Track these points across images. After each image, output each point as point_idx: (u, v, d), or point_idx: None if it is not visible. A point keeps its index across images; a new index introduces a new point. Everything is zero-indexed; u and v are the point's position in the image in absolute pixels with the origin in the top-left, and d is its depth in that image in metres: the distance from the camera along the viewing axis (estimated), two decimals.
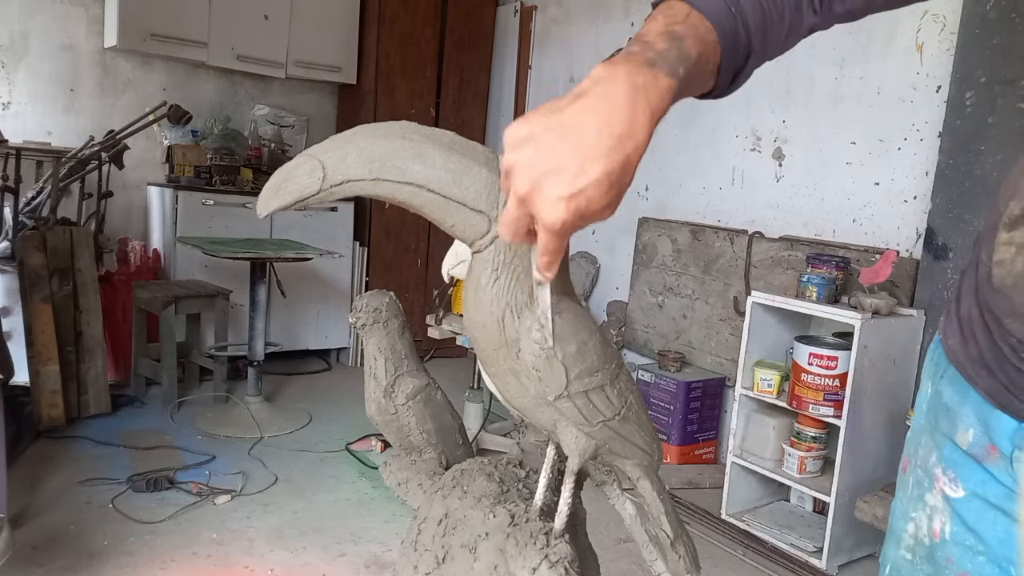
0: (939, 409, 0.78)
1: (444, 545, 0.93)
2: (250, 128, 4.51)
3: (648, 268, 3.68)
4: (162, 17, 3.92)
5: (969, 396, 0.73)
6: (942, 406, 0.78)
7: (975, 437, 0.72)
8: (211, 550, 2.31)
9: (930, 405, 0.80)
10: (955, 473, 0.74)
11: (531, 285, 0.75)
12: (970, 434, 0.73)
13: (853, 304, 2.52)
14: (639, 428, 0.88)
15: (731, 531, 2.72)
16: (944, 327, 0.79)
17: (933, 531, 0.77)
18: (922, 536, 0.79)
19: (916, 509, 0.80)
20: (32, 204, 3.39)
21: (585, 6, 4.19)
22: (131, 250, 3.95)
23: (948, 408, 0.76)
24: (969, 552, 0.72)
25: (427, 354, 4.46)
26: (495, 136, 4.85)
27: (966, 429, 0.74)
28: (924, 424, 0.81)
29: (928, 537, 0.78)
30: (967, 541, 0.73)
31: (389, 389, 1.55)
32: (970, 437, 0.73)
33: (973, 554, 0.72)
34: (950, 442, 0.75)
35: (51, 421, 3.05)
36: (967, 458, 0.73)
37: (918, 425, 0.83)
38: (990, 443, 0.71)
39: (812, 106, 3.03)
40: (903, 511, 0.83)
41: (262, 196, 0.71)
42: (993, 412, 0.71)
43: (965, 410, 0.74)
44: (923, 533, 0.79)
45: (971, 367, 0.73)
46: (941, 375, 0.79)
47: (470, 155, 0.72)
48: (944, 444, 0.76)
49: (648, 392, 3.21)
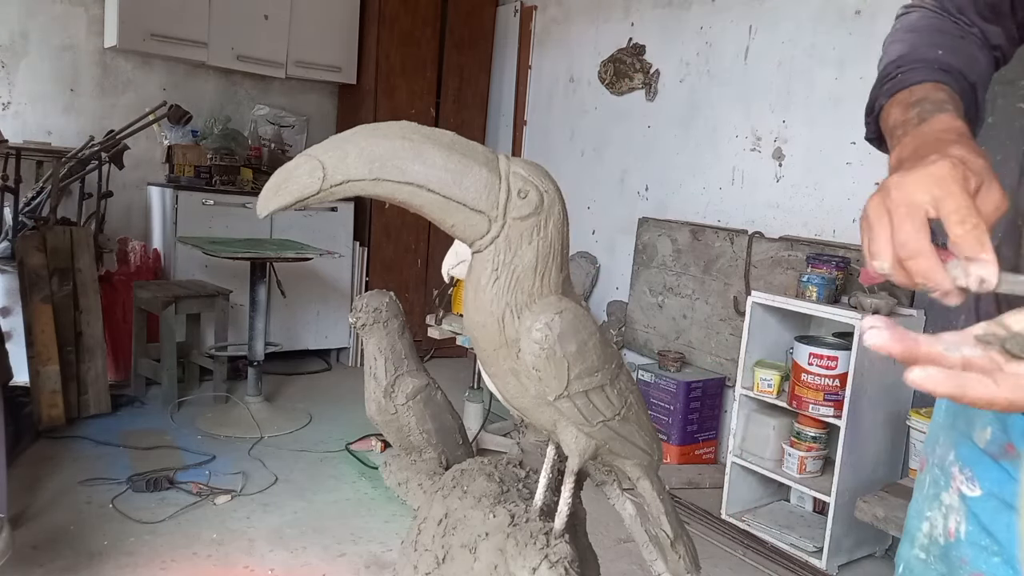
0: (957, 408, 0.78)
1: (444, 545, 0.93)
2: (250, 128, 4.51)
3: (648, 268, 3.68)
4: (162, 17, 3.92)
5: None
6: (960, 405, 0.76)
7: (993, 435, 0.72)
8: (211, 550, 2.31)
9: (949, 404, 0.80)
10: (972, 472, 0.74)
11: (530, 286, 0.75)
12: (988, 432, 0.73)
13: (853, 304, 2.52)
14: (639, 428, 0.88)
15: (731, 531, 2.72)
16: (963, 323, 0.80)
17: (948, 530, 0.77)
18: (937, 535, 0.78)
19: (932, 508, 0.79)
20: (32, 204, 3.39)
21: (585, 6, 4.19)
22: (131, 250, 3.94)
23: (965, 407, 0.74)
24: (984, 552, 0.72)
25: (427, 354, 4.46)
26: (495, 136, 4.85)
27: (984, 427, 0.73)
28: (942, 423, 0.81)
29: (943, 536, 0.77)
30: (982, 541, 0.72)
31: (389, 389, 1.55)
32: (988, 435, 0.73)
33: (988, 555, 0.71)
34: (968, 440, 0.75)
35: (51, 421, 3.05)
36: (984, 456, 0.73)
37: (936, 424, 0.83)
38: (1008, 441, 0.71)
39: (812, 106, 3.03)
40: (918, 510, 0.83)
41: (262, 196, 0.71)
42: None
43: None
44: (938, 532, 0.78)
45: None
46: None
47: (470, 155, 0.72)
48: (961, 442, 0.76)
49: (648, 392, 3.21)
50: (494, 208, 0.73)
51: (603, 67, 4.03)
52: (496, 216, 0.73)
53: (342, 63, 4.51)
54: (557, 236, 0.77)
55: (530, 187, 0.74)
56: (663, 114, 3.72)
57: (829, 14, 2.94)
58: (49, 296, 3.11)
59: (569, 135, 4.32)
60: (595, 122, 4.13)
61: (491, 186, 0.73)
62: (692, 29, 3.56)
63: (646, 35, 3.82)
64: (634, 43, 3.87)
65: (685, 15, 3.60)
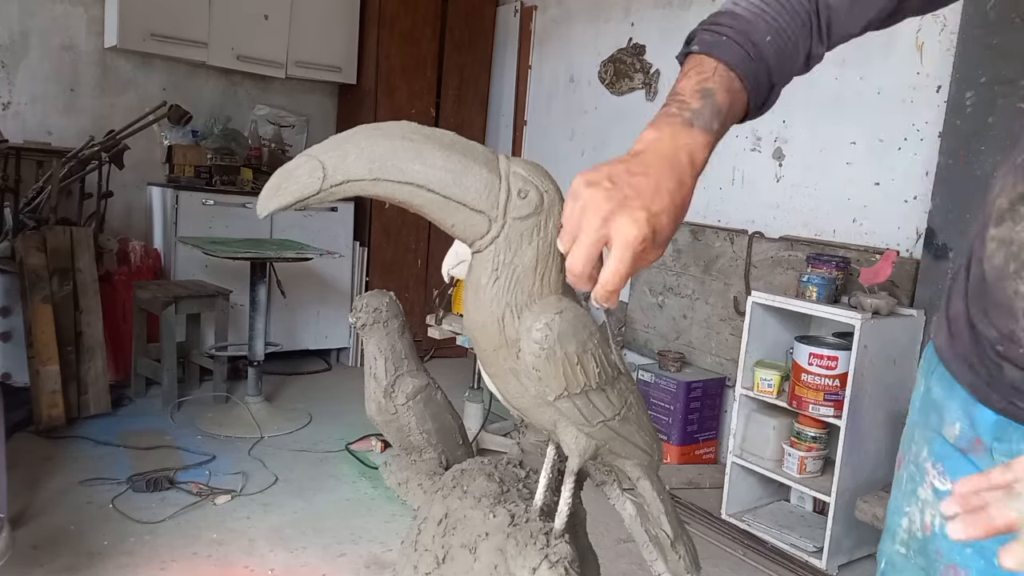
0: (930, 405, 0.81)
1: (444, 545, 0.93)
2: (250, 128, 4.51)
3: (648, 268, 3.68)
4: (162, 17, 3.92)
5: (955, 391, 0.76)
6: (932, 402, 0.80)
7: (961, 431, 0.75)
8: (211, 550, 2.31)
9: (923, 402, 0.83)
10: (943, 467, 0.77)
11: (530, 286, 0.75)
12: (957, 427, 0.76)
13: (853, 304, 2.52)
14: (639, 428, 0.88)
15: (731, 531, 2.72)
16: (935, 326, 0.83)
17: (925, 524, 0.80)
18: (915, 530, 0.81)
19: (910, 504, 0.82)
20: (32, 204, 3.39)
21: (585, 6, 4.19)
22: (131, 250, 3.95)
23: (937, 403, 0.79)
24: (957, 544, 0.74)
25: (427, 354, 4.46)
26: (495, 136, 4.85)
27: (953, 423, 0.76)
28: (917, 420, 0.84)
29: (920, 531, 0.80)
30: None
31: (389, 389, 1.55)
32: (957, 431, 0.76)
33: (961, 546, 0.74)
34: (939, 436, 0.78)
35: (51, 421, 3.05)
36: (955, 451, 0.76)
37: (911, 421, 0.86)
38: (975, 436, 0.74)
39: (812, 106, 3.02)
40: (897, 506, 0.86)
41: (262, 196, 0.71)
42: (976, 406, 0.74)
43: (952, 404, 0.77)
44: (916, 527, 0.81)
45: (955, 363, 0.77)
46: (932, 371, 0.82)
47: (470, 155, 0.72)
48: (934, 439, 0.79)
49: (648, 392, 3.21)
50: (494, 208, 0.73)
51: (603, 67, 4.03)
52: (496, 216, 0.73)
53: (342, 63, 4.51)
54: (557, 236, 0.76)
55: (530, 187, 0.74)
56: None
57: None
58: (49, 296, 3.11)
59: (569, 135, 4.31)
60: (595, 122, 4.13)
61: (491, 186, 0.73)
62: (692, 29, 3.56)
63: (646, 35, 3.82)
64: (634, 43, 3.87)
65: (685, 15, 3.60)
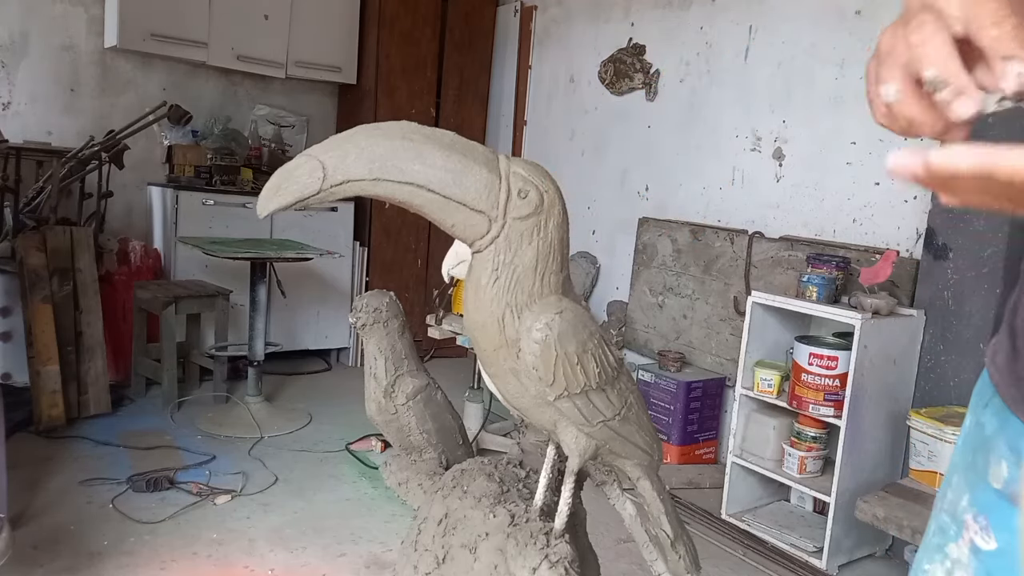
0: (977, 444, 0.66)
1: (444, 545, 0.93)
2: (250, 128, 4.51)
3: (648, 268, 3.68)
4: (162, 17, 3.92)
5: (1008, 423, 0.62)
6: (982, 440, 0.65)
7: (1009, 471, 0.61)
8: (211, 550, 2.31)
9: (967, 440, 0.69)
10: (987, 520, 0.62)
11: (530, 286, 0.75)
12: (1003, 467, 0.62)
13: (853, 304, 2.52)
14: (639, 428, 0.88)
15: (731, 531, 2.72)
16: (991, 349, 0.67)
17: None
18: None
19: (932, 561, 0.68)
20: (32, 204, 3.38)
21: (585, 6, 4.19)
22: (131, 250, 3.95)
23: (987, 440, 0.65)
24: None
25: (427, 354, 4.46)
26: (495, 136, 4.85)
27: (998, 461, 0.62)
28: (958, 462, 0.69)
29: None
30: None
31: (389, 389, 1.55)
32: (1004, 471, 0.61)
33: None
34: (984, 482, 0.63)
35: (51, 421, 3.05)
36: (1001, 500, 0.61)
37: (952, 464, 0.71)
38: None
39: (812, 106, 3.03)
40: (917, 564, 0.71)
41: (262, 196, 0.71)
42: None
43: (1000, 440, 0.63)
44: None
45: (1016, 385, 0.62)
46: (985, 404, 0.67)
47: (470, 155, 0.72)
48: (977, 484, 0.64)
49: (648, 392, 3.21)
50: (494, 208, 0.73)
51: (603, 67, 4.03)
52: (496, 216, 0.73)
53: (342, 63, 4.51)
54: (557, 236, 0.76)
55: (530, 187, 0.74)
56: (663, 114, 3.72)
57: (829, 14, 2.94)
58: (49, 296, 3.11)
59: (569, 135, 4.31)
60: (595, 122, 4.13)
61: (491, 186, 0.73)
62: (692, 29, 3.56)
63: (646, 35, 3.82)
64: (634, 43, 3.87)
65: (685, 15, 3.60)
